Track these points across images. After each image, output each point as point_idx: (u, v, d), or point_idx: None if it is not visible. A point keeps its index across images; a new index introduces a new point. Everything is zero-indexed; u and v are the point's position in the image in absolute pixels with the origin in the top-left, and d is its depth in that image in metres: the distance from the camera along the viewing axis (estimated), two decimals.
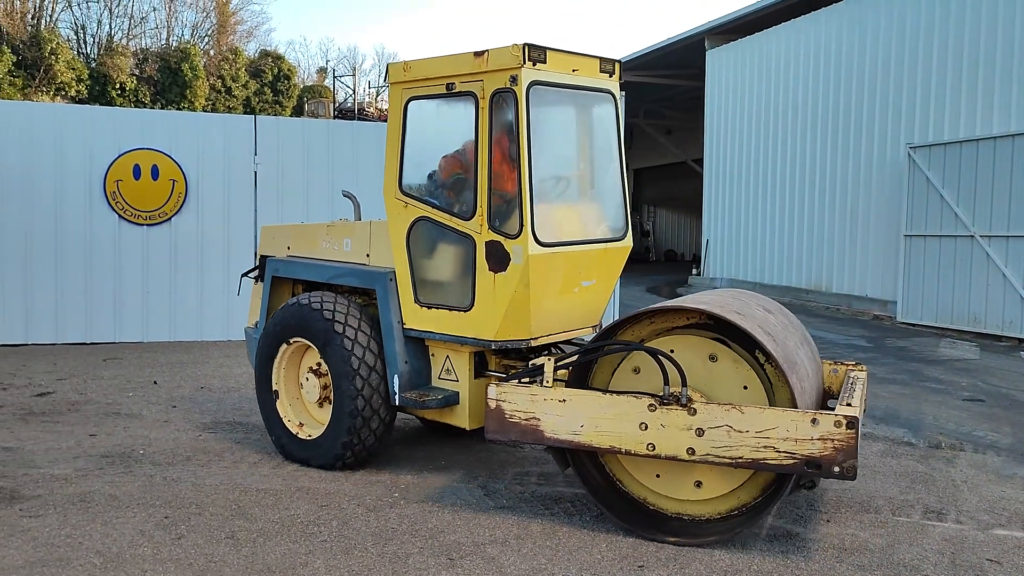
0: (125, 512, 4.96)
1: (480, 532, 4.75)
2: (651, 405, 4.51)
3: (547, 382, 4.85)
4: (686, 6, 77.24)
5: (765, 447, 4.26)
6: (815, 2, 18.15)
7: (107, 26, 34.86)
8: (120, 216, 11.34)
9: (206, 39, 37.40)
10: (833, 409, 4.47)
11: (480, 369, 5.67)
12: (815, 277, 18.12)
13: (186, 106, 33.08)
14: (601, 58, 5.72)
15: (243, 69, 36.88)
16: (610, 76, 5.79)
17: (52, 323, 11.17)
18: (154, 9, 38.76)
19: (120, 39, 34.43)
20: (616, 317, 7.02)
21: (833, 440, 4.16)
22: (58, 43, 30.63)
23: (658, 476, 4.79)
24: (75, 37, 33.82)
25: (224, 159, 11.67)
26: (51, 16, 33.13)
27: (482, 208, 5.24)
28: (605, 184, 6.11)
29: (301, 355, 6.11)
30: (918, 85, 15.02)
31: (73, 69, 30.95)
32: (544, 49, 5.23)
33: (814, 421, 4.18)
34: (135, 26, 35.67)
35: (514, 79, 5.13)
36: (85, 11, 37.99)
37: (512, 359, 5.69)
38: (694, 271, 22.90)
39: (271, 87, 37.36)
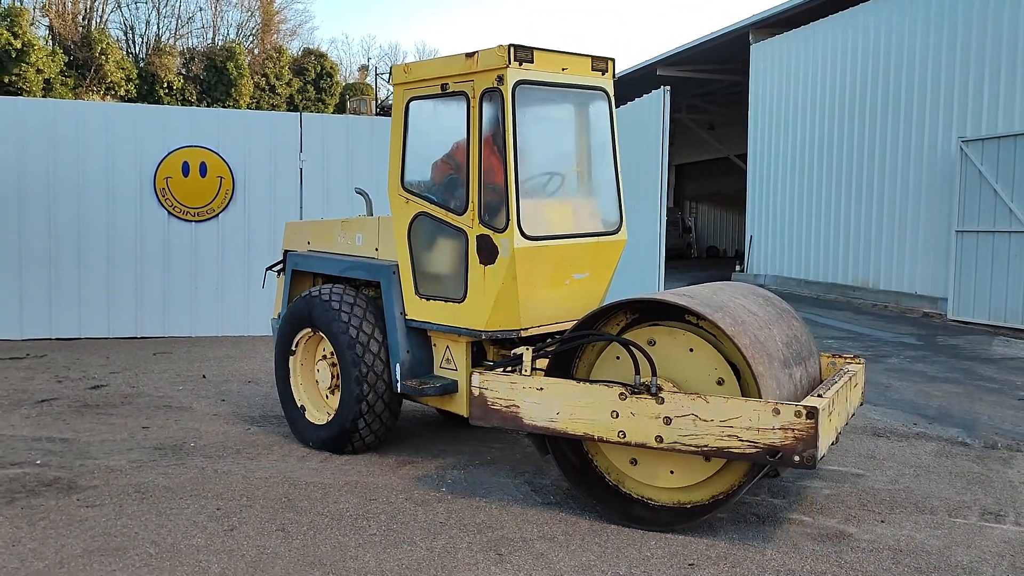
0: (179, 503, 5.04)
1: (528, 528, 4.74)
2: (622, 394, 4.64)
3: (526, 371, 5.00)
4: (730, 1, 76.36)
5: (729, 436, 4.36)
6: None
7: (155, 26, 35.59)
8: (169, 212, 11.54)
9: (251, 38, 37.90)
10: None
11: (480, 359, 5.81)
12: (862, 274, 17.81)
13: (231, 104, 33.57)
14: (593, 56, 5.82)
15: (286, 67, 37.33)
16: (603, 74, 5.88)
17: (104, 317, 11.39)
18: (200, 9, 39.41)
19: (168, 39, 35.06)
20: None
21: (794, 430, 4.22)
22: (108, 43, 31.26)
23: (633, 463, 4.90)
24: (124, 37, 34.51)
25: (270, 156, 11.81)
26: (101, 17, 33.86)
27: (473, 203, 5.42)
28: (599, 179, 6.22)
29: (316, 345, 6.42)
30: (970, 77, 14.67)
31: (122, 69, 31.55)
32: (531, 49, 5.38)
33: (776, 411, 4.26)
34: (182, 26, 36.33)
35: (500, 79, 5.30)
36: (134, 12, 38.78)
37: (509, 349, 5.74)
38: (737, 267, 22.65)
39: (314, 85, 37.75)
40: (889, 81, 16.93)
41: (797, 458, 4.22)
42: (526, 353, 5.06)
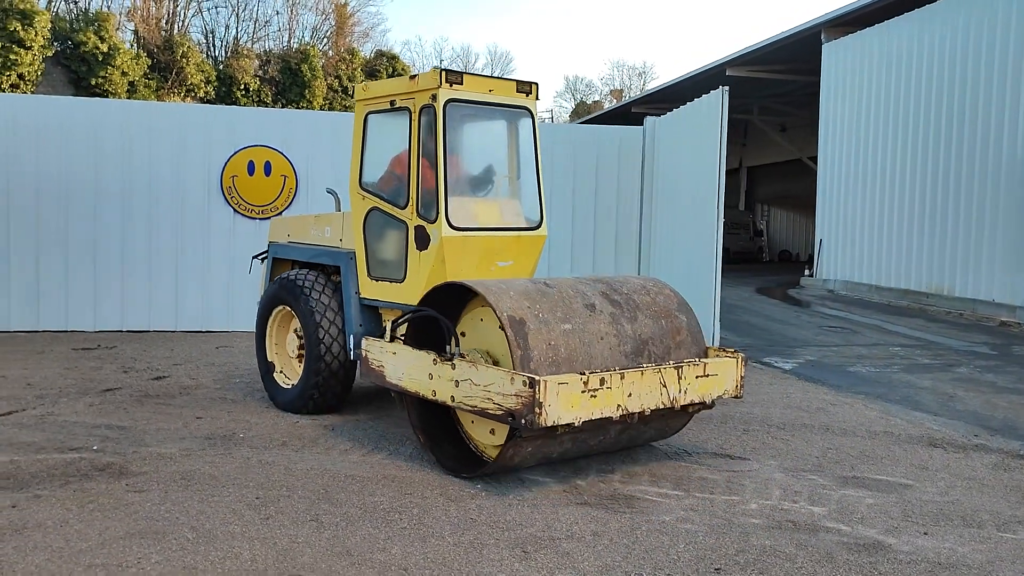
0: (221, 491, 5.19)
1: (557, 527, 4.74)
2: (434, 360, 5.50)
3: (386, 338, 5.99)
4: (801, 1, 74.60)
5: (487, 399, 5.11)
6: None
7: (234, 30, 36.55)
8: (235, 210, 11.88)
9: (325, 40, 38.65)
10: None
11: None
12: (936, 280, 17.24)
13: (305, 105, 34.30)
14: (518, 81, 6.90)
15: (359, 69, 37.95)
16: (527, 95, 6.89)
17: (172, 311, 11.79)
18: (277, 13, 40.37)
19: (245, 42, 35.98)
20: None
21: (522, 396, 4.86)
22: (189, 47, 32.28)
23: (472, 421, 5.67)
24: (204, 41, 35.58)
25: (332, 155, 12.01)
26: (183, 22, 34.97)
27: (413, 200, 6.47)
28: (524, 183, 7.16)
29: (290, 320, 7.51)
30: None
31: (202, 71, 32.54)
32: (460, 73, 6.43)
33: (512, 380, 4.95)
34: (259, 29, 37.26)
35: (434, 97, 6.29)
36: (214, 16, 39.95)
37: None
38: (806, 272, 22.16)
39: None
40: (967, 81, 16.35)
41: (523, 420, 4.87)
42: (388, 324, 6.07)
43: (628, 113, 33.81)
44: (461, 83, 6.40)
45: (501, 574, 4.11)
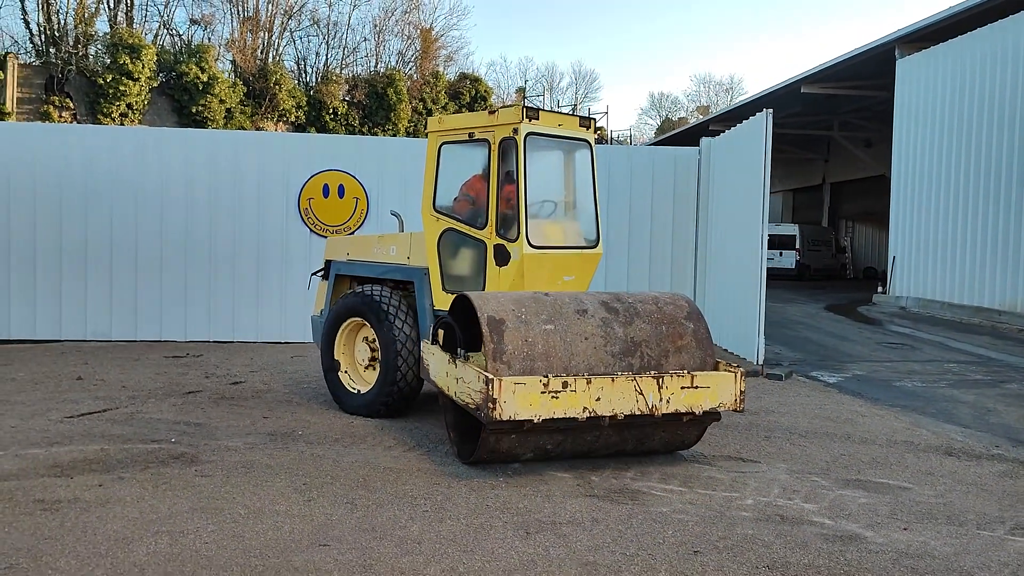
0: (274, 478, 5.93)
1: (561, 514, 5.29)
2: (448, 359, 6.29)
3: (431, 341, 6.79)
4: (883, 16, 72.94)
5: (468, 394, 5.85)
6: (1013, 5, 17.09)
7: (324, 56, 38.26)
8: (311, 230, 12.82)
9: (410, 65, 40.03)
10: None
11: None
12: (1008, 297, 16.99)
13: (390, 128, 35.65)
14: (580, 116, 7.77)
15: (443, 92, 39.16)
16: (587, 129, 7.70)
17: (254, 323, 12.79)
18: (364, 39, 41.92)
19: (334, 68, 37.62)
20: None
21: (483, 393, 5.56)
22: (282, 74, 34.02)
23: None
24: (296, 68, 37.36)
25: (400, 178, 12.87)
26: (277, 51, 36.82)
27: (492, 221, 7.17)
28: (583, 206, 7.93)
29: (356, 331, 8.17)
30: None
31: (293, 97, 34.23)
32: (537, 110, 7.25)
33: (477, 377, 5.65)
34: (347, 55, 38.87)
35: (515, 131, 7.06)
36: (306, 44, 41.80)
37: None
38: (879, 289, 21.96)
39: (468, 108, 39.34)
40: None
41: (483, 414, 5.57)
42: (435, 329, 6.81)
43: (706, 130, 33.95)
44: (538, 119, 7.19)
45: (501, 549, 4.70)
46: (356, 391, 8.06)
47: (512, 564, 4.50)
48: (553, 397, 5.64)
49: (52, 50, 29.30)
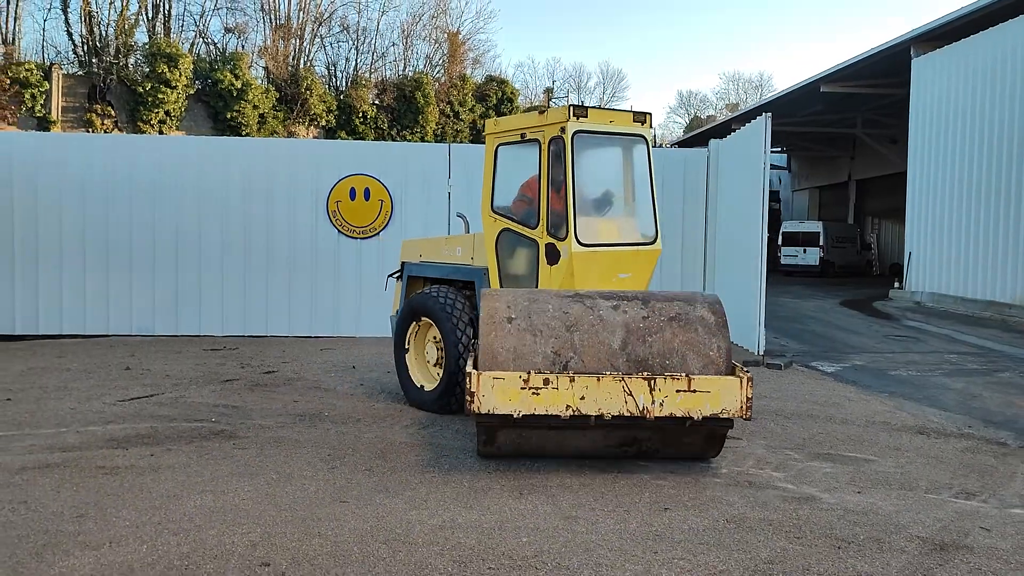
0: (301, 450, 6.69)
1: (554, 479, 5.98)
2: None
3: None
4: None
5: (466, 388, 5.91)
6: None
7: (354, 61, 39.23)
8: (339, 231, 13.62)
9: (438, 68, 40.87)
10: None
11: None
12: (1020, 291, 17.35)
13: (419, 131, 36.51)
14: (634, 112, 7.71)
15: (470, 94, 39.94)
16: (642, 124, 7.68)
17: (286, 319, 13.63)
18: (393, 44, 42.82)
19: (364, 72, 38.58)
20: None
21: (466, 387, 5.73)
22: (312, 80, 35.02)
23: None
24: (327, 73, 38.37)
25: (423, 182, 13.64)
26: (308, 56, 37.85)
27: (543, 221, 7.27)
28: (640, 203, 7.93)
29: (427, 330, 8.25)
30: None
31: (324, 102, 35.22)
32: (586, 108, 7.23)
33: (469, 373, 5.75)
34: (376, 59, 39.81)
35: (563, 129, 7.12)
36: (336, 50, 42.80)
37: None
38: (895, 284, 22.34)
39: (495, 110, 40.11)
40: None
41: (466, 407, 5.76)
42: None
43: (729, 129, 34.34)
44: (586, 116, 7.18)
45: (496, 505, 5.41)
46: (421, 387, 8.19)
47: (504, 517, 5.21)
48: (534, 393, 5.60)
49: (94, 60, 30.54)
